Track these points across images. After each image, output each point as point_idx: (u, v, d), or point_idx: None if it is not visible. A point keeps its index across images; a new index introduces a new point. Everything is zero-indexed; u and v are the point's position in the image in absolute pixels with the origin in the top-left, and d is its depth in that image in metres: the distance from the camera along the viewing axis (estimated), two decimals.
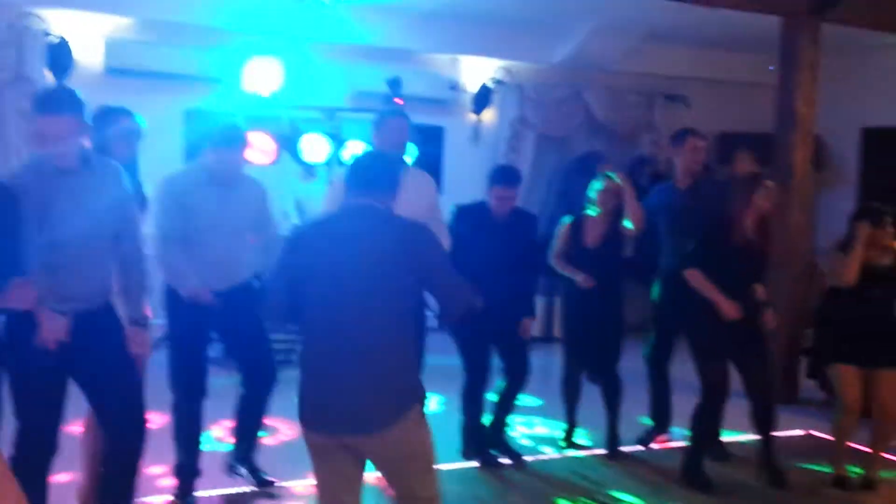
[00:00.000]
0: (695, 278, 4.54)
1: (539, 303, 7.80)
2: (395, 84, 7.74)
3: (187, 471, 4.17)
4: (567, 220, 5.20)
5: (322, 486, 2.88)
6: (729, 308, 4.46)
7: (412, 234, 2.88)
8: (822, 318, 4.85)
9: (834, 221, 6.39)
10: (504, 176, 4.79)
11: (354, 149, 6.93)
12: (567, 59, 8.34)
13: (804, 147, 6.41)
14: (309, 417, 2.80)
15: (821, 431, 5.57)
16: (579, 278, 5.02)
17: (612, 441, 5.16)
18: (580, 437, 5.37)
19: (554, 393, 5.39)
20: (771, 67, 6.61)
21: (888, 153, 8.53)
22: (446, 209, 4.88)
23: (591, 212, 5.11)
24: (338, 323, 2.78)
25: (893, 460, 5.06)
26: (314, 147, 6.98)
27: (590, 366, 5.23)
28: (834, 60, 7.02)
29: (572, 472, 4.88)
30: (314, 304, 2.83)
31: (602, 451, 5.17)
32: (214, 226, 4.01)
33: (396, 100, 7.67)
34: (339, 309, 2.79)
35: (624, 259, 5.14)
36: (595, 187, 5.12)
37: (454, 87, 8.40)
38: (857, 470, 4.82)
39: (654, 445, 5.34)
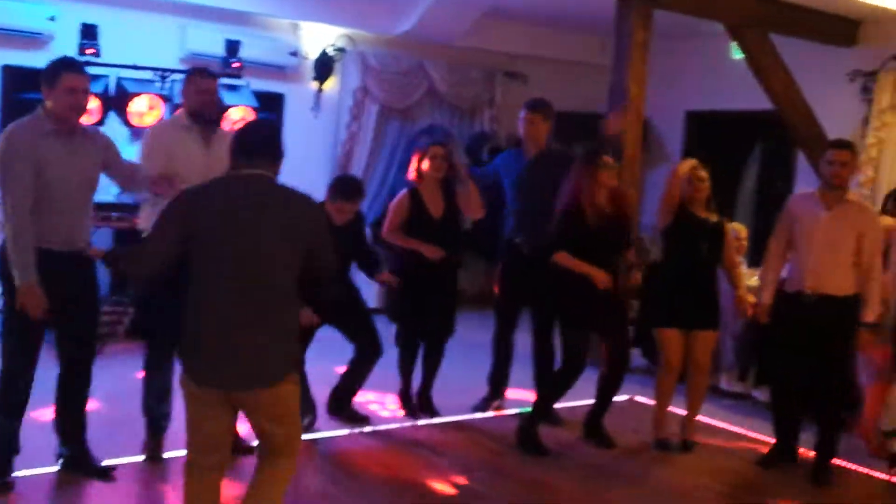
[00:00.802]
0: (563, 259, 4.67)
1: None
2: (232, 47, 7.47)
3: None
4: (404, 192, 5.18)
5: (195, 427, 3.06)
6: (601, 278, 4.63)
7: (301, 203, 3.03)
8: (648, 288, 5.14)
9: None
10: (347, 191, 4.82)
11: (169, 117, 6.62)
12: (410, 31, 8.31)
13: (634, 127, 6.69)
14: (196, 373, 2.97)
15: (645, 397, 5.89)
16: (425, 250, 5.04)
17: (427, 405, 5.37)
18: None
19: (392, 363, 5.40)
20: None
21: (708, 135, 9.07)
22: (290, 176, 4.81)
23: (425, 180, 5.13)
24: (229, 288, 2.91)
25: (711, 424, 5.43)
26: (143, 109, 6.62)
27: (423, 335, 5.30)
28: (662, 46, 7.35)
29: (409, 440, 4.93)
30: (205, 269, 2.94)
31: (442, 420, 5.26)
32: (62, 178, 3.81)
33: (234, 63, 7.41)
34: (230, 275, 2.91)
35: (464, 229, 5.22)
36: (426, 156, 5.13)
37: (295, 53, 8.19)
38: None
39: (490, 413, 5.48)
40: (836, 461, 4.78)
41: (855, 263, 4.52)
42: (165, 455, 4.34)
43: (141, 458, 4.33)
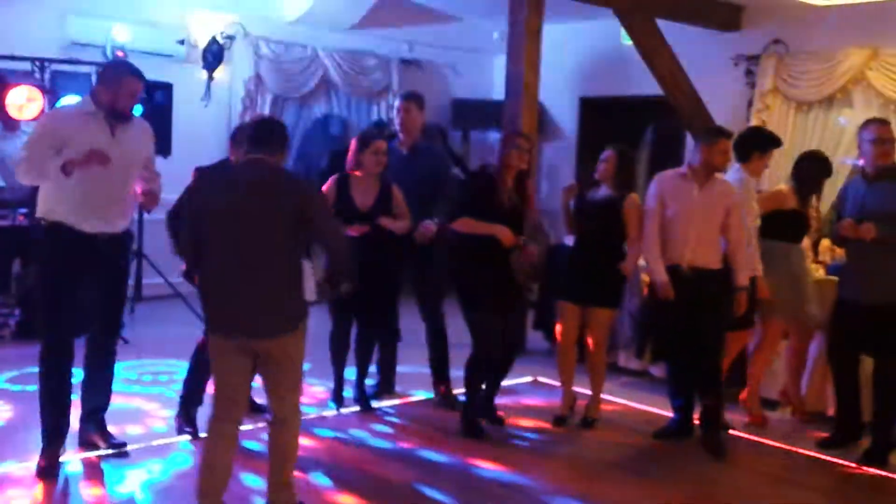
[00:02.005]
0: (465, 225, 4.76)
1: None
2: (115, 35, 7.19)
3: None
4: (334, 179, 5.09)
5: (220, 377, 3.57)
6: (506, 234, 4.70)
7: (290, 180, 3.59)
8: (549, 268, 5.22)
9: (556, 182, 6.81)
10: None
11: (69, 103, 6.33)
12: (303, 18, 8.18)
13: (530, 113, 6.76)
14: (216, 326, 3.53)
15: (547, 378, 5.99)
16: (351, 230, 4.89)
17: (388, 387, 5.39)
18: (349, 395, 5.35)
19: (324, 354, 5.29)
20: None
21: (601, 119, 9.26)
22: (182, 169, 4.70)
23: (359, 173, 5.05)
24: (235, 252, 3.43)
25: (612, 401, 5.55)
26: (21, 101, 6.30)
27: (363, 322, 5.24)
28: (556, 32, 7.44)
29: (340, 431, 4.89)
30: (216, 237, 3.47)
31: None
32: None
33: (118, 52, 7.13)
34: (236, 241, 3.43)
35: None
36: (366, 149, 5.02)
37: (182, 41, 7.95)
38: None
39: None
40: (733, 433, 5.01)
41: (725, 237, 4.76)
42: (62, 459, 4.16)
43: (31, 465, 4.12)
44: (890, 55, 7.23)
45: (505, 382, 5.21)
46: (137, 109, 4.94)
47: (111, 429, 4.42)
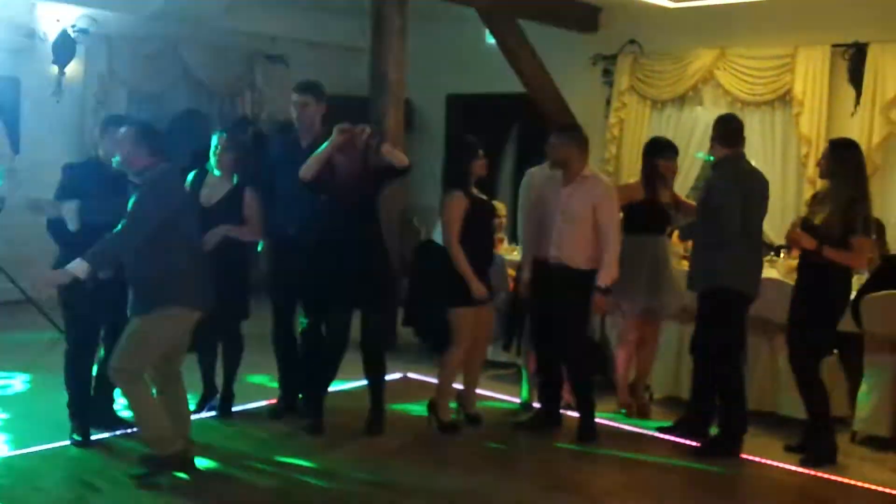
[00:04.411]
0: None
1: None
2: None
3: None
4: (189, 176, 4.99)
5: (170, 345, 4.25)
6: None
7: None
8: (424, 268, 5.23)
9: (424, 178, 6.86)
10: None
11: None
12: (160, 11, 7.89)
13: (396, 110, 6.77)
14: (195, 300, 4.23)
15: (417, 374, 6.02)
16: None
17: (226, 401, 5.15)
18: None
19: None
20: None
21: (468, 116, 9.37)
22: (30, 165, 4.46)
23: (214, 172, 4.95)
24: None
25: (484, 394, 5.62)
26: None
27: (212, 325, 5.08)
28: (421, 30, 7.48)
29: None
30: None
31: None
32: None
33: None
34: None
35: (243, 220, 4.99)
36: (215, 147, 4.94)
37: (30, 35, 7.53)
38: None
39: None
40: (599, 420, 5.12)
41: (594, 234, 4.81)
42: None
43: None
44: (736, 55, 7.65)
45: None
46: None
47: None
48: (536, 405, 5.29)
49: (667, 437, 5.06)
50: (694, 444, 4.92)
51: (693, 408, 5.10)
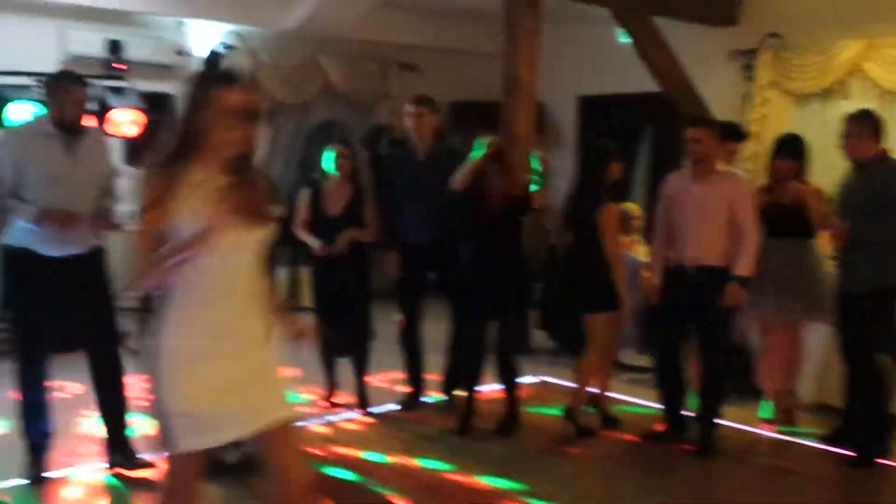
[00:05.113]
0: None
1: (283, 273, 7.71)
2: (115, 47, 7.23)
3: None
4: (307, 188, 5.31)
5: None
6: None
7: None
8: (559, 273, 5.24)
9: (556, 181, 6.82)
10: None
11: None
12: (301, 25, 8.20)
13: (527, 112, 6.77)
14: None
15: (553, 377, 6.01)
16: (315, 246, 5.14)
17: (363, 402, 5.35)
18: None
19: (309, 362, 5.32)
20: (500, 38, 6.90)
21: (600, 118, 9.27)
22: None
23: (330, 179, 5.21)
24: None
25: (618, 398, 5.56)
26: (23, 117, 6.33)
27: (337, 334, 5.27)
28: (553, 31, 7.46)
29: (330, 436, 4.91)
30: None
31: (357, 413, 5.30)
32: None
33: (118, 65, 7.17)
34: None
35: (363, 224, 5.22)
36: (328, 155, 5.19)
37: (181, 52, 7.98)
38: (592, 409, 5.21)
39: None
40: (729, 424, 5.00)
41: (730, 230, 4.66)
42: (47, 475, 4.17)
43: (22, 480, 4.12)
44: (887, 45, 7.25)
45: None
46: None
47: None
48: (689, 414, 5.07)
49: (820, 446, 4.87)
50: (849, 454, 4.69)
51: (848, 416, 4.85)
